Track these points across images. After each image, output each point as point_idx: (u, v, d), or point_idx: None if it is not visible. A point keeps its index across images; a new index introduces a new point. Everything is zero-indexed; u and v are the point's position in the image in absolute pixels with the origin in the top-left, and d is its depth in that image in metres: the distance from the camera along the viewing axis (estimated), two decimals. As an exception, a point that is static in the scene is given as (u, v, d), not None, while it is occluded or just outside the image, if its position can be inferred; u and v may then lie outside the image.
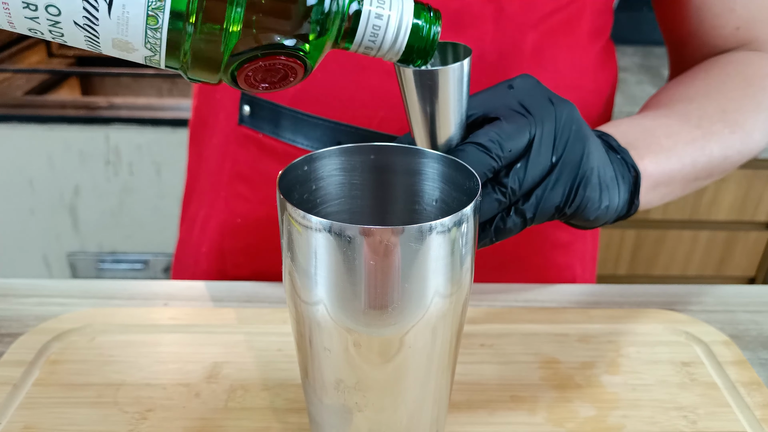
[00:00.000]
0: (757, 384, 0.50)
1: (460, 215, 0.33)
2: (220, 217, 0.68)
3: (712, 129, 0.53)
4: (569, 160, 0.42)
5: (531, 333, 0.56)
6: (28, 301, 0.59)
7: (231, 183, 0.66)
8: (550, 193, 0.42)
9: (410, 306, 0.33)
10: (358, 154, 0.39)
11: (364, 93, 0.57)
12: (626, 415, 0.47)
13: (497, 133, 0.40)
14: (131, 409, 0.47)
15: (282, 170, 0.36)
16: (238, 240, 0.68)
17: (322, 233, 0.32)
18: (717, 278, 1.61)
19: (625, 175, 0.47)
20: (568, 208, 0.43)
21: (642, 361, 0.53)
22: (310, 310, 0.35)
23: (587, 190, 0.43)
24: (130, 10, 0.30)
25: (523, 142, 0.41)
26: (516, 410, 0.48)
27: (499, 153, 0.40)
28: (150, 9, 0.30)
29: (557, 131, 0.42)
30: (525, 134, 0.41)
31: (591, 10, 0.59)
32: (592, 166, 0.43)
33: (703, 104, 0.55)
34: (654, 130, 0.51)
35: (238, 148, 0.65)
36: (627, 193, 0.47)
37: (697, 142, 0.52)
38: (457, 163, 0.37)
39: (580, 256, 0.72)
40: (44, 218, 1.61)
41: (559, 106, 0.43)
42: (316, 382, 0.38)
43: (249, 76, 0.34)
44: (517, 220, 0.43)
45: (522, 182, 0.41)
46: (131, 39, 0.31)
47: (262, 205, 0.65)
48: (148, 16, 0.30)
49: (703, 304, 0.62)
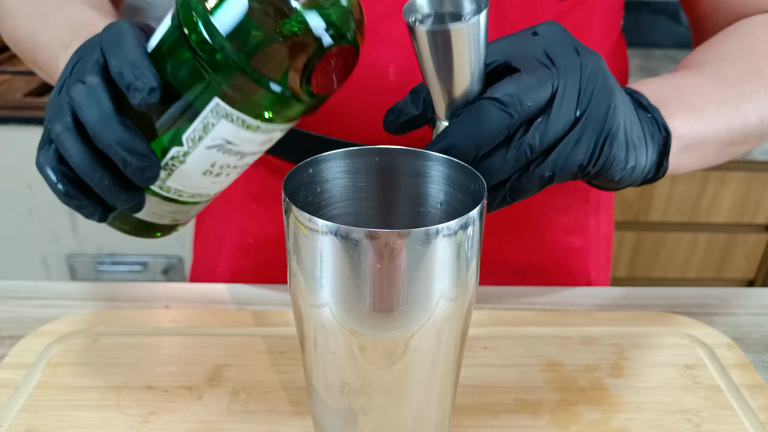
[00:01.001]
0: (760, 387, 0.50)
1: (467, 218, 0.33)
2: (234, 236, 0.69)
3: (747, 89, 0.50)
4: (594, 114, 0.39)
5: (534, 336, 0.55)
6: (29, 303, 0.59)
7: (243, 203, 0.67)
8: (573, 150, 0.39)
9: (416, 309, 0.33)
10: (362, 156, 0.39)
11: (371, 112, 0.57)
12: (630, 417, 0.47)
13: (517, 87, 0.38)
14: (133, 412, 0.47)
15: (287, 173, 0.36)
16: (250, 258, 0.68)
17: (328, 236, 0.32)
18: (716, 280, 1.61)
19: (654, 135, 0.44)
20: (593, 167, 0.40)
21: (645, 363, 0.53)
22: (315, 312, 0.35)
23: (613, 148, 0.40)
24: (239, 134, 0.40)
25: (545, 95, 0.38)
26: (520, 413, 0.48)
27: (518, 108, 0.37)
28: (244, 127, 0.40)
29: (582, 83, 0.39)
30: (547, 87, 0.38)
31: (602, 11, 0.58)
32: (619, 121, 0.40)
33: (737, 64, 0.52)
34: (686, 89, 0.49)
35: (250, 168, 0.65)
36: (656, 154, 0.44)
37: (731, 102, 0.49)
38: (462, 166, 0.37)
39: (594, 260, 0.71)
40: (43, 220, 1.61)
41: (585, 56, 0.40)
42: (321, 385, 0.38)
43: (320, 81, 0.40)
44: (535, 179, 0.40)
45: (542, 138, 0.38)
46: (259, 139, 0.42)
47: (274, 222, 0.66)
48: (247, 128, 0.40)
49: (705, 307, 0.62)
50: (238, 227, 0.68)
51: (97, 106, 0.38)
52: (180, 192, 0.43)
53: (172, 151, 0.41)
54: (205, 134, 0.40)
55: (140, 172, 0.39)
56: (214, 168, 0.42)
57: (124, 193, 0.40)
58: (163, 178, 0.42)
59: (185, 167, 0.41)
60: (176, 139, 0.40)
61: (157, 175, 0.40)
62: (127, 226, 0.45)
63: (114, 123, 0.38)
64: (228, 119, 0.39)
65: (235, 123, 0.39)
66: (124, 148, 0.38)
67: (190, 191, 0.43)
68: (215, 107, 0.39)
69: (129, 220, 0.45)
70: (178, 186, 0.43)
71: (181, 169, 0.41)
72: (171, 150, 0.41)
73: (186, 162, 0.41)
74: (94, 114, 0.38)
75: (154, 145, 0.40)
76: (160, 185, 0.42)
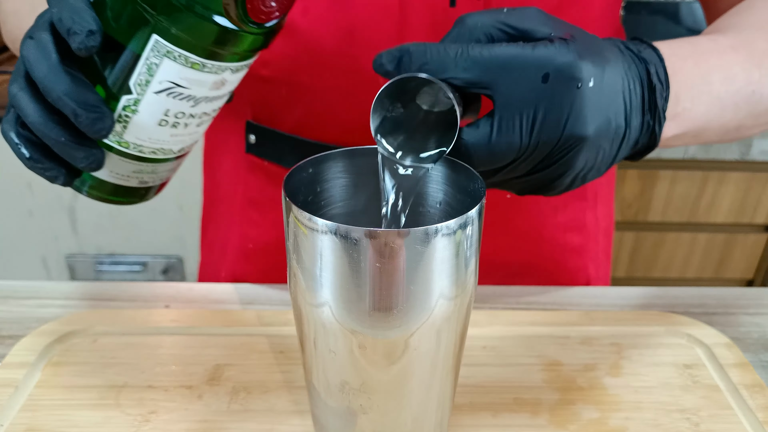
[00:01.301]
0: (759, 386, 0.50)
1: (466, 217, 0.33)
2: (235, 242, 0.70)
3: None
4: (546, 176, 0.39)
5: (533, 335, 0.56)
6: (29, 303, 0.59)
7: (243, 209, 0.68)
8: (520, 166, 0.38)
9: (415, 308, 0.33)
10: (362, 156, 0.39)
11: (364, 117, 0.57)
12: (629, 417, 0.47)
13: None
14: (134, 411, 0.47)
15: (288, 172, 0.36)
16: (251, 264, 0.69)
17: (328, 235, 0.32)
18: (715, 280, 1.61)
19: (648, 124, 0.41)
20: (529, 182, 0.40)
21: (644, 363, 0.53)
22: (315, 312, 0.35)
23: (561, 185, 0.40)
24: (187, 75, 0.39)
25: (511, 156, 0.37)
26: (519, 412, 0.48)
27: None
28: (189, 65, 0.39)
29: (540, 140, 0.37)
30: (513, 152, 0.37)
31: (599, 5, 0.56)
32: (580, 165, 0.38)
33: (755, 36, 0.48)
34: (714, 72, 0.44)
35: (248, 174, 0.66)
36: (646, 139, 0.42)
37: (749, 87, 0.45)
38: (461, 166, 0.37)
39: (593, 257, 0.71)
40: (43, 220, 1.61)
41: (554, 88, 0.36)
42: (321, 384, 0.38)
43: (256, 6, 0.38)
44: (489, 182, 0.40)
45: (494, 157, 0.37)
46: (210, 80, 0.40)
47: (273, 229, 0.66)
48: (193, 67, 0.39)
49: (704, 307, 0.62)
50: (238, 233, 0.69)
51: (45, 60, 0.38)
52: (140, 147, 0.42)
53: (122, 101, 0.40)
54: (150, 77, 0.39)
55: (92, 123, 0.38)
56: (168, 117, 0.41)
57: (81, 149, 0.40)
58: (119, 131, 0.41)
59: (139, 117, 0.40)
60: (125, 87, 0.39)
61: (109, 126, 0.39)
62: (96, 191, 0.44)
63: (61, 75, 0.38)
64: (170, 57, 0.38)
65: (177, 61, 0.38)
66: (73, 99, 0.38)
67: (149, 145, 0.42)
68: (155, 45, 0.38)
69: (98, 186, 0.44)
70: (136, 140, 0.41)
71: (135, 120, 0.40)
72: (122, 99, 0.40)
73: (138, 111, 0.40)
74: (43, 68, 0.38)
75: (105, 95, 0.40)
76: (118, 140, 0.41)
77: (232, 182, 0.69)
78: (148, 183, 0.46)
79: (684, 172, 1.44)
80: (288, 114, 0.60)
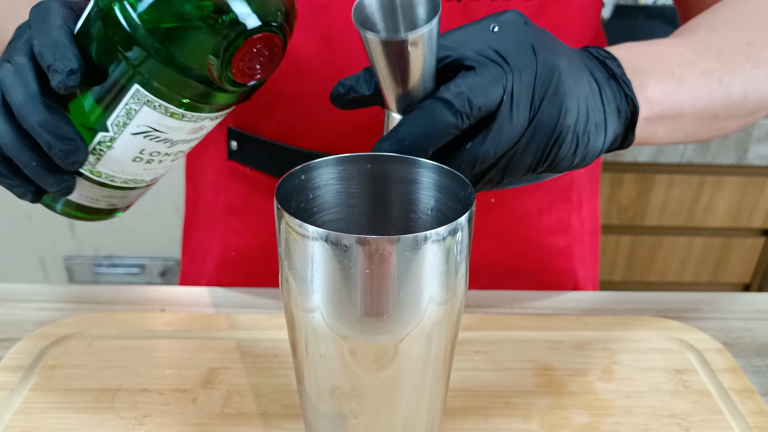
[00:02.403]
0: (749, 391, 0.51)
1: (455, 224, 0.33)
2: (216, 250, 0.69)
3: (734, 61, 0.48)
4: (544, 121, 0.39)
5: (525, 340, 0.56)
6: (26, 306, 0.60)
7: (225, 217, 0.68)
8: (522, 156, 0.40)
9: (405, 314, 0.34)
10: (354, 163, 0.39)
11: (343, 124, 0.57)
12: (620, 422, 0.48)
13: (468, 88, 0.37)
14: (128, 414, 0.47)
15: (280, 179, 0.36)
16: (232, 273, 0.69)
17: (319, 242, 0.32)
18: (712, 285, 1.62)
19: (621, 109, 0.43)
20: (541, 167, 0.41)
21: (636, 368, 0.53)
22: (306, 317, 0.35)
23: (561, 149, 0.40)
24: (164, 122, 0.39)
25: (496, 97, 0.38)
26: (510, 417, 0.48)
27: (467, 111, 0.37)
28: (167, 113, 0.39)
29: (535, 86, 0.39)
30: (498, 88, 0.38)
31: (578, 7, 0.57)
32: (569, 123, 0.40)
33: (726, 34, 0.50)
34: (667, 56, 0.47)
35: (229, 182, 0.66)
36: (621, 128, 0.43)
37: (714, 74, 0.47)
38: (452, 173, 0.37)
39: (580, 258, 0.71)
40: (41, 222, 1.61)
41: (541, 56, 0.39)
42: (312, 389, 0.38)
43: (241, 70, 0.38)
44: (486, 182, 0.41)
45: (497, 149, 0.39)
46: (186, 127, 0.40)
47: (254, 238, 0.66)
48: (172, 116, 0.39)
49: (696, 312, 0.62)
50: (220, 241, 0.69)
51: (22, 87, 0.37)
52: (112, 177, 0.42)
53: (98, 136, 0.40)
54: (129, 120, 0.39)
55: (65, 155, 0.38)
56: (143, 155, 0.41)
57: (53, 175, 0.40)
58: (92, 162, 0.41)
59: (113, 153, 0.40)
60: (102, 124, 0.39)
61: (83, 159, 0.39)
62: (65, 209, 0.45)
63: (38, 105, 0.37)
64: (150, 106, 0.38)
65: (157, 110, 0.38)
66: (48, 130, 0.37)
67: (122, 177, 0.42)
68: (136, 93, 0.38)
69: (68, 202, 0.44)
70: (109, 171, 0.41)
71: (110, 154, 0.40)
72: (98, 135, 0.40)
73: (114, 148, 0.40)
74: (20, 95, 0.37)
75: (81, 128, 0.39)
76: (90, 169, 0.41)
77: (213, 190, 0.69)
78: (117, 206, 0.46)
79: (681, 176, 1.44)
80: (268, 120, 0.60)
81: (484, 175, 0.41)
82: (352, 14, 0.37)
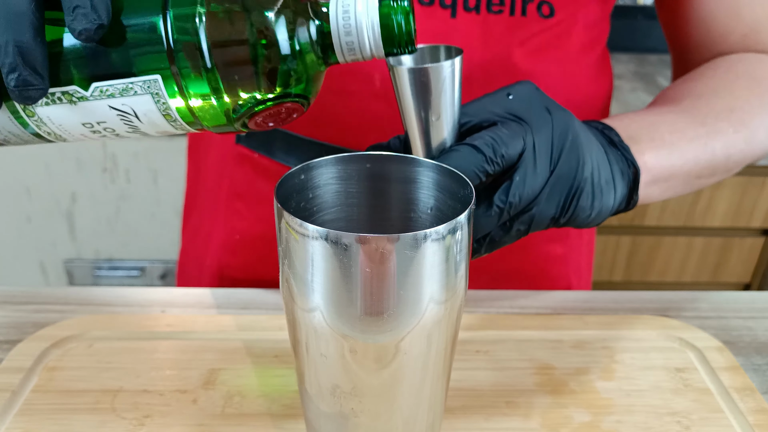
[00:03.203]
0: (750, 390, 0.51)
1: (455, 223, 0.33)
2: (220, 233, 0.69)
3: (717, 127, 0.53)
4: (564, 172, 0.42)
5: (526, 339, 0.56)
6: (26, 308, 0.60)
7: (229, 200, 0.68)
8: (545, 206, 0.43)
9: (405, 312, 0.34)
10: (354, 162, 0.39)
11: (355, 117, 0.58)
12: (620, 420, 0.48)
13: (492, 138, 0.40)
14: (129, 415, 0.47)
15: (279, 179, 0.36)
16: (237, 256, 0.69)
17: (319, 241, 0.32)
18: (712, 284, 1.62)
19: (624, 172, 0.47)
20: (562, 218, 0.44)
21: (636, 366, 0.53)
22: (306, 316, 0.35)
23: (581, 200, 0.43)
24: (152, 116, 0.37)
25: (518, 149, 0.41)
26: (511, 416, 0.48)
27: (493, 157, 0.40)
28: (162, 111, 0.36)
29: (553, 141, 0.42)
30: (519, 141, 0.41)
31: (583, 24, 0.60)
32: (586, 175, 0.43)
33: (711, 101, 0.55)
34: (658, 124, 0.51)
35: (235, 167, 0.66)
36: (626, 189, 0.47)
37: (700, 140, 0.52)
38: (451, 172, 0.38)
39: (575, 267, 0.73)
40: (41, 225, 1.62)
41: (555, 115, 0.43)
42: (313, 388, 0.38)
43: (258, 123, 0.38)
44: (513, 233, 0.43)
45: (522, 197, 0.41)
46: (163, 128, 0.38)
47: (259, 223, 0.66)
48: (164, 116, 0.37)
49: (696, 311, 0.62)
50: (224, 224, 0.69)
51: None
52: (42, 124, 0.37)
53: (69, 88, 0.35)
54: (119, 95, 0.35)
55: (24, 87, 0.33)
56: (98, 126, 0.37)
57: None
58: (39, 103, 0.36)
59: (72, 108, 0.36)
60: (83, 82, 0.35)
61: (37, 99, 0.34)
62: None
63: (27, 22, 0.32)
64: (155, 99, 0.35)
65: (157, 105, 0.36)
66: (23, 54, 0.32)
67: (52, 129, 0.37)
68: (152, 82, 0.35)
69: None
70: (46, 119, 0.37)
71: (66, 107, 0.36)
72: (70, 87, 0.35)
73: (77, 105, 0.36)
74: (10, 2, 0.32)
75: (55, 67, 0.34)
76: (28, 108, 0.36)
77: (217, 172, 0.68)
78: (8, 143, 0.40)
79: (680, 177, 1.44)
80: None
81: (511, 227, 0.43)
82: (386, 62, 0.39)
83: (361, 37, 0.36)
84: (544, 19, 0.57)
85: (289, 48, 0.36)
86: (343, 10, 0.36)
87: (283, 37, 0.35)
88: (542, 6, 0.57)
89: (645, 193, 0.50)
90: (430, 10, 0.55)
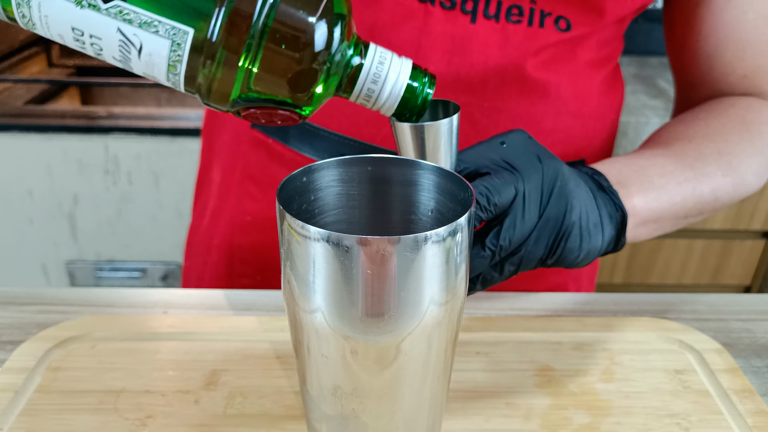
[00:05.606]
0: (749, 392, 0.51)
1: (455, 225, 0.33)
2: (230, 212, 0.70)
3: (706, 171, 0.55)
4: (552, 216, 0.45)
5: (526, 341, 0.56)
6: (29, 309, 0.60)
7: (242, 182, 0.69)
8: (533, 248, 0.45)
9: (406, 314, 0.34)
10: (355, 165, 0.40)
11: (369, 111, 0.59)
12: (620, 422, 0.48)
13: (486, 187, 0.43)
14: (131, 415, 0.47)
15: (281, 181, 0.37)
16: (247, 236, 0.70)
17: (320, 243, 0.33)
18: (713, 287, 1.62)
19: (612, 215, 0.48)
20: (550, 259, 0.46)
21: (635, 368, 0.53)
22: (308, 317, 0.35)
23: (569, 242, 0.45)
24: (155, 59, 0.35)
25: (509, 197, 0.43)
26: (511, 417, 0.48)
27: (486, 205, 0.43)
28: (170, 61, 0.34)
29: (543, 187, 0.45)
30: (511, 189, 0.43)
31: (597, 40, 0.61)
32: (575, 219, 0.45)
33: (700, 145, 0.57)
34: (647, 168, 0.53)
35: (249, 149, 0.67)
36: (614, 231, 0.48)
37: (688, 183, 0.53)
38: (451, 175, 0.38)
39: (575, 276, 0.74)
40: (43, 227, 1.62)
41: (546, 163, 0.45)
42: (314, 389, 0.39)
43: (250, 114, 0.38)
44: (505, 272, 0.46)
45: (512, 240, 0.44)
46: (155, 75, 0.36)
47: (271, 207, 0.67)
48: (168, 65, 0.35)
49: (696, 313, 0.63)
50: (236, 204, 0.70)
51: None
52: (27, 15, 0.34)
53: None
54: (136, 26, 0.33)
55: None
56: (87, 38, 0.34)
57: None
58: None
59: (73, 9, 0.33)
60: None
61: None
62: None
63: None
64: (172, 48, 0.34)
65: (170, 55, 0.34)
66: None
67: (32, 15, 0.34)
68: (182, 33, 0.33)
69: None
70: (37, 10, 0.34)
71: (67, 4, 0.33)
72: None
73: (81, 9, 0.33)
74: None
75: None
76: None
77: (231, 153, 0.70)
78: None
79: (680, 179, 1.45)
80: None
81: (503, 267, 0.45)
82: (389, 119, 0.41)
83: (382, 91, 0.38)
84: (561, 33, 0.59)
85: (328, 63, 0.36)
86: (378, 60, 0.38)
87: (329, 52, 0.36)
88: (560, 20, 0.58)
89: (633, 234, 0.52)
90: (452, 15, 0.57)
